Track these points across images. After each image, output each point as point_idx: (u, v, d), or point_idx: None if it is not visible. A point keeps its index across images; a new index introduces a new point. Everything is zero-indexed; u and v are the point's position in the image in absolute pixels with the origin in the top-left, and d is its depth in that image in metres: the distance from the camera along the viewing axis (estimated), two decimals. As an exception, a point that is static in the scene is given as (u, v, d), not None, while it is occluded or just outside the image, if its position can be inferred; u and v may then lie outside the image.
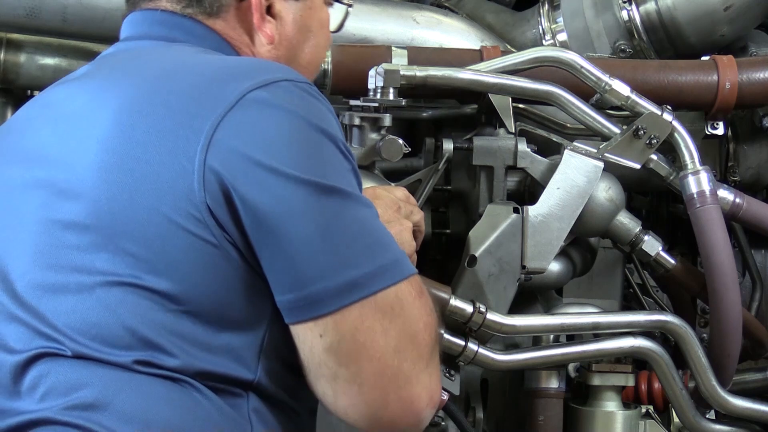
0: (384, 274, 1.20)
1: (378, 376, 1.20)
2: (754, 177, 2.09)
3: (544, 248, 1.73)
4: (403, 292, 1.22)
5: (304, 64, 1.47)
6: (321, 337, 1.19)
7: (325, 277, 1.18)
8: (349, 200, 1.21)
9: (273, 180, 1.17)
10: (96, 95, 1.28)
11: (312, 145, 1.21)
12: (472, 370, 1.87)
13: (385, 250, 1.22)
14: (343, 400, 1.22)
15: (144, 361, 1.18)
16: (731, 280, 1.75)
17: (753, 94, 1.89)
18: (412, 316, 1.23)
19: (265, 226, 1.17)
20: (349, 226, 1.20)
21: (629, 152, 1.77)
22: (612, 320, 1.78)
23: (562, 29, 2.09)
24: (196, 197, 1.17)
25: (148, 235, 1.18)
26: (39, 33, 1.95)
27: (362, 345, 1.19)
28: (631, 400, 1.89)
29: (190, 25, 1.38)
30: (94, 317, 1.18)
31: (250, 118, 1.20)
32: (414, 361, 1.22)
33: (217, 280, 1.19)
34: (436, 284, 1.64)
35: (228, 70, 1.26)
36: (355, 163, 1.27)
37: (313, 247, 1.18)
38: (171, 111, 1.21)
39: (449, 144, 1.80)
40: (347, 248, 1.19)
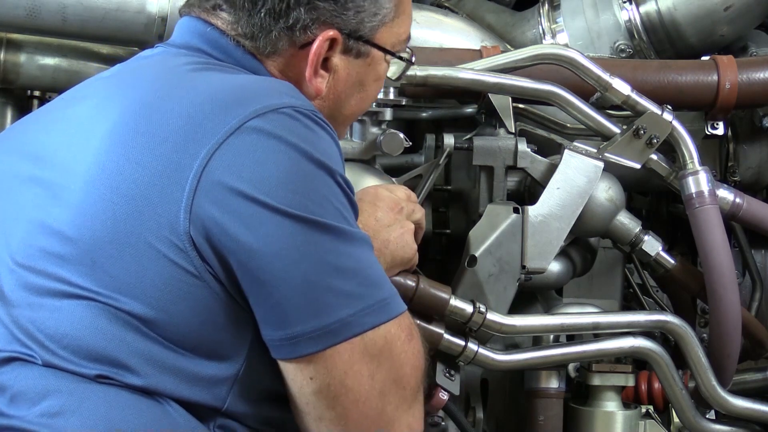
0: (373, 314, 1.20)
1: (362, 418, 1.22)
2: (754, 177, 2.09)
3: (544, 248, 1.73)
4: (392, 333, 1.22)
5: (347, 114, 1.45)
6: (311, 379, 1.20)
7: (316, 316, 1.17)
8: (341, 237, 1.20)
9: (263, 216, 1.16)
10: (102, 102, 1.28)
11: (308, 181, 1.19)
12: (472, 370, 1.87)
13: (377, 288, 1.22)
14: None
15: (107, 377, 1.17)
16: (730, 280, 1.75)
17: (753, 94, 1.89)
18: (399, 360, 1.23)
19: (253, 264, 1.16)
20: (340, 265, 1.19)
21: (629, 152, 1.77)
22: (612, 320, 1.78)
23: (562, 29, 2.09)
24: (180, 227, 1.16)
25: (126, 257, 1.17)
26: (39, 33, 1.95)
27: (350, 389, 1.20)
28: (631, 400, 1.89)
29: (232, 50, 1.34)
30: (67, 328, 1.18)
31: (246, 149, 1.17)
32: (398, 404, 1.24)
33: (194, 309, 1.18)
34: (436, 284, 1.64)
35: (232, 93, 1.23)
36: (353, 194, 1.26)
37: (302, 286, 1.17)
38: (169, 133, 1.19)
39: (450, 139, 1.79)
40: (338, 287, 1.18)
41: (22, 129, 1.37)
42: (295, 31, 1.33)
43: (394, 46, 1.43)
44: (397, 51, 1.44)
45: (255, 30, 1.33)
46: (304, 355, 1.19)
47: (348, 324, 1.18)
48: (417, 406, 1.28)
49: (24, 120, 1.41)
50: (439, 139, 1.86)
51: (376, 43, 1.39)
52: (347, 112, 1.44)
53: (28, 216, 1.23)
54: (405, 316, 1.25)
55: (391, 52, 1.43)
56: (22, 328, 1.20)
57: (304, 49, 1.34)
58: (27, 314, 1.20)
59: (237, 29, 1.34)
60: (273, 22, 1.32)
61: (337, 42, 1.35)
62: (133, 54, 2.02)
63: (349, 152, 1.74)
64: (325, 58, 1.36)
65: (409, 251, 1.48)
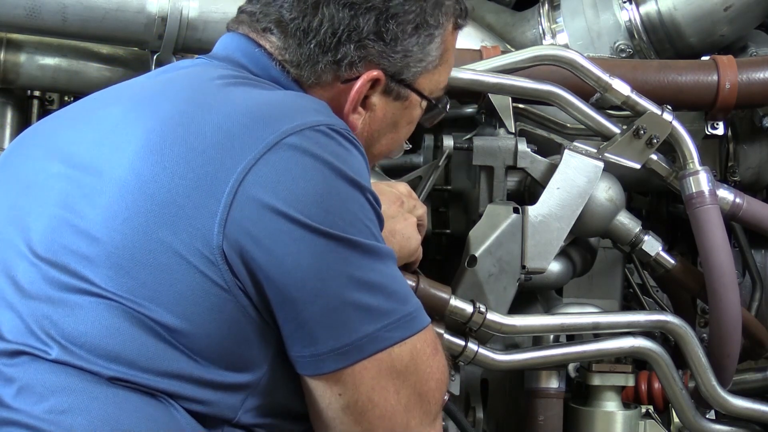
0: (399, 328, 1.22)
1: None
2: (754, 177, 2.09)
3: (544, 248, 1.73)
4: (417, 349, 1.24)
5: (376, 153, 1.46)
6: (340, 396, 1.21)
7: (342, 333, 1.19)
8: (369, 254, 1.21)
9: (296, 232, 1.17)
10: (137, 107, 1.27)
11: (341, 200, 1.20)
12: (472, 370, 1.87)
13: (402, 302, 1.23)
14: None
15: (121, 378, 1.17)
16: (730, 280, 1.75)
17: (753, 94, 1.89)
18: (425, 375, 1.25)
19: (283, 281, 1.17)
20: (368, 279, 1.20)
21: (629, 152, 1.77)
22: (612, 320, 1.78)
23: (562, 29, 2.09)
24: (213, 240, 1.16)
25: (154, 265, 1.17)
26: (39, 33, 1.95)
27: (376, 404, 1.22)
28: (631, 400, 1.89)
29: (279, 76, 1.34)
30: (86, 326, 1.18)
31: (282, 165, 1.18)
32: (421, 417, 1.26)
33: (220, 322, 1.18)
34: (436, 284, 1.64)
35: (269, 109, 1.23)
36: (380, 208, 1.27)
37: (330, 304, 1.18)
38: (206, 145, 1.19)
39: (449, 140, 1.80)
40: (365, 303, 1.19)
41: (50, 127, 1.37)
42: (341, 66, 1.34)
43: (431, 93, 1.45)
44: (434, 98, 1.46)
45: (302, 59, 1.34)
46: (332, 371, 1.20)
47: (374, 339, 1.20)
48: (439, 420, 1.30)
49: (51, 118, 1.40)
50: (438, 139, 1.87)
51: (417, 88, 1.41)
52: (377, 152, 1.45)
53: (52, 211, 1.23)
54: (429, 330, 1.27)
55: (430, 99, 1.45)
56: (38, 322, 1.19)
57: (347, 84, 1.36)
58: (45, 309, 1.20)
59: (284, 55, 1.35)
60: (321, 54, 1.34)
61: (380, 82, 1.37)
62: (133, 54, 2.03)
63: None
64: (365, 96, 1.37)
65: (414, 243, 1.49)
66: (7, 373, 1.19)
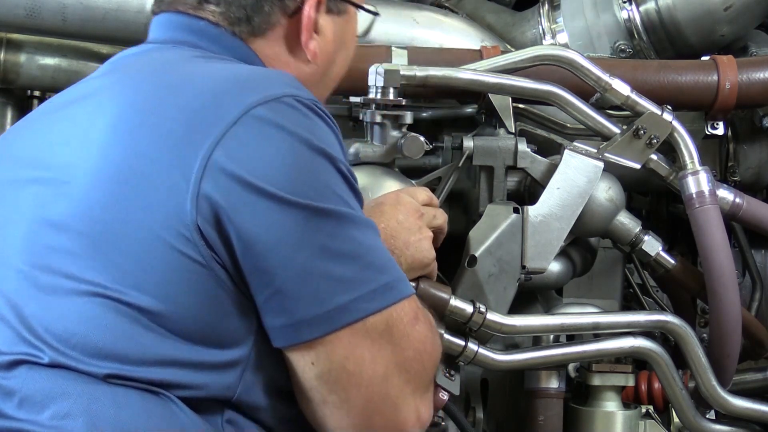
0: (374, 299, 1.21)
1: (365, 402, 1.22)
2: (754, 177, 2.09)
3: (544, 248, 1.73)
4: (394, 318, 1.23)
5: (334, 77, 1.47)
6: (313, 365, 1.21)
7: (316, 302, 1.18)
8: (344, 222, 1.21)
9: (267, 204, 1.17)
10: (100, 99, 1.28)
11: (310, 168, 1.20)
12: (472, 370, 1.87)
13: (379, 272, 1.22)
14: (330, 423, 1.24)
15: (117, 375, 1.17)
16: (730, 280, 1.75)
17: (753, 94, 1.89)
18: (402, 344, 1.24)
19: (255, 252, 1.17)
20: (342, 249, 1.20)
21: (629, 152, 1.77)
22: (612, 320, 1.78)
23: (562, 29, 2.09)
24: (187, 217, 1.16)
25: (136, 250, 1.17)
26: (39, 33, 1.95)
27: (351, 373, 1.21)
28: (631, 400, 1.89)
29: (218, 35, 1.35)
30: (75, 326, 1.18)
31: (249, 138, 1.18)
32: (402, 387, 1.24)
33: (202, 299, 1.18)
34: (436, 284, 1.64)
35: (234, 82, 1.24)
36: (356, 180, 1.27)
37: (303, 272, 1.18)
38: (172, 123, 1.20)
39: (469, 141, 1.79)
40: (338, 273, 1.19)
41: (14, 135, 1.37)
42: (284, 0, 1.37)
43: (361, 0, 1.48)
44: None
45: (248, 11, 1.35)
46: (304, 342, 1.19)
47: (348, 310, 1.19)
48: (425, 391, 1.28)
49: (15, 127, 1.41)
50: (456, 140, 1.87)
51: None
52: (334, 74, 1.47)
53: (29, 216, 1.23)
54: (410, 300, 1.25)
55: (363, 6, 1.48)
56: (29, 328, 1.19)
57: (294, 17, 1.38)
58: (35, 313, 1.19)
59: (229, 17, 1.35)
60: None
61: (322, 2, 1.39)
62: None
63: (369, 155, 1.74)
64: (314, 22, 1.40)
65: (428, 257, 1.49)
66: (7, 386, 1.19)
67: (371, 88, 1.75)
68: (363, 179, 1.71)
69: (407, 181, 1.75)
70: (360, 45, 1.92)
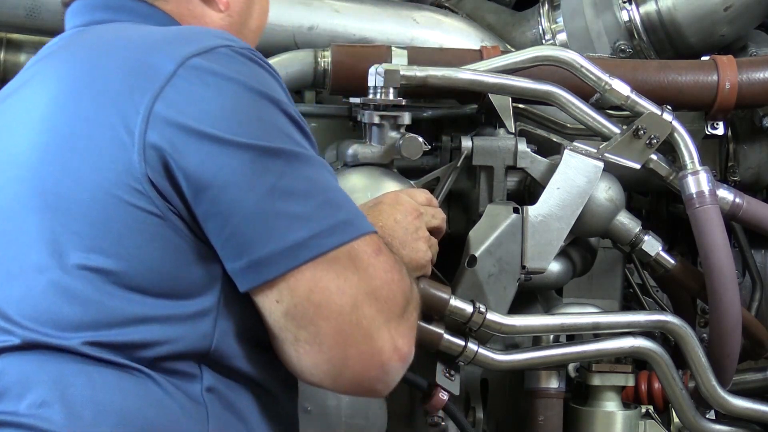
0: (334, 234, 1.20)
1: (337, 334, 1.20)
2: (754, 177, 2.09)
3: (544, 248, 1.73)
4: (357, 250, 1.22)
5: (254, 29, 1.48)
6: (278, 302, 1.20)
7: (272, 240, 1.18)
8: (295, 160, 1.21)
9: (212, 148, 1.17)
10: (38, 80, 1.29)
11: (252, 110, 1.20)
12: (472, 370, 1.87)
13: (336, 209, 1.21)
14: (306, 361, 1.22)
15: (93, 342, 1.18)
16: (730, 280, 1.75)
17: (753, 94, 1.89)
18: (368, 273, 1.22)
19: (206, 196, 1.17)
20: (295, 187, 1.19)
21: (629, 152, 1.77)
22: (612, 320, 1.78)
23: (562, 29, 2.09)
24: (137, 170, 1.17)
25: (92, 213, 1.18)
26: (39, 33, 1.95)
27: (318, 305, 1.20)
28: (631, 400, 1.89)
29: (133, 5, 1.37)
30: (45, 303, 1.19)
31: (188, 87, 1.19)
32: (372, 316, 1.22)
33: (163, 251, 1.19)
34: (436, 284, 1.64)
35: (166, 39, 1.25)
36: (305, 125, 1.26)
37: (257, 212, 1.17)
38: (110, 85, 1.21)
39: (468, 141, 1.79)
40: (291, 210, 1.18)
41: None
42: None
43: None
44: None
45: None
46: (267, 281, 1.19)
47: (306, 246, 1.18)
48: (400, 321, 1.26)
49: None
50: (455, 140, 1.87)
51: None
52: (253, 26, 1.48)
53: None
54: (372, 236, 1.24)
55: None
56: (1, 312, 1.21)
57: None
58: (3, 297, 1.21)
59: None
60: None
61: None
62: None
63: (368, 156, 1.75)
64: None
65: (424, 258, 1.49)
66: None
67: (371, 88, 1.75)
68: (362, 180, 1.71)
69: (406, 181, 1.75)
70: (360, 45, 1.94)
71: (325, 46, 1.93)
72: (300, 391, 1.40)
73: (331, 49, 1.90)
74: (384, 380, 1.25)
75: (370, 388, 1.25)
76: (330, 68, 1.89)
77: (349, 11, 2.00)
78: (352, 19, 1.99)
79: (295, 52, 1.93)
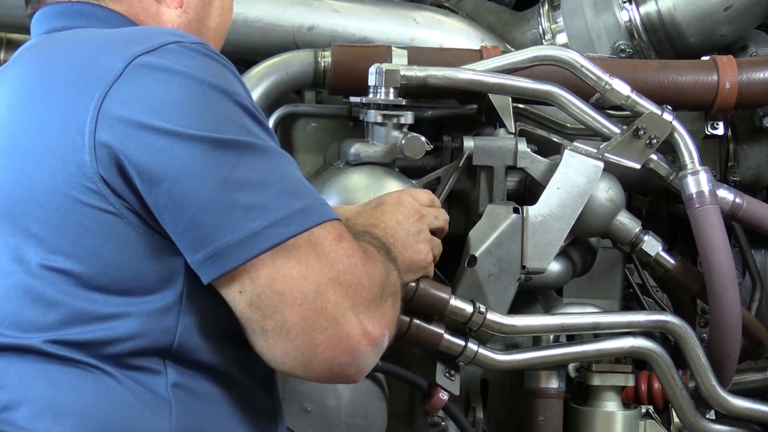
0: (292, 222, 1.19)
1: (302, 320, 1.19)
2: (754, 177, 2.09)
3: (544, 248, 1.73)
4: (317, 237, 1.21)
5: (214, 28, 1.48)
6: (241, 293, 1.19)
7: (228, 231, 1.17)
8: (250, 151, 1.20)
9: (163, 142, 1.17)
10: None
11: (203, 102, 1.20)
12: (472, 370, 1.87)
13: (294, 197, 1.20)
14: (275, 350, 1.21)
15: (55, 340, 1.18)
16: (730, 280, 1.75)
17: (753, 94, 1.89)
18: (330, 259, 1.21)
19: (161, 190, 1.17)
20: (250, 178, 1.18)
21: (629, 152, 1.77)
22: (612, 320, 1.78)
23: (562, 29, 2.09)
24: (89, 169, 1.18)
25: (49, 214, 1.19)
26: (39, 33, 1.95)
27: (281, 293, 1.19)
28: (631, 400, 1.89)
29: (90, 10, 1.37)
30: (9, 305, 1.20)
31: (138, 83, 1.19)
32: (337, 301, 1.21)
33: (121, 248, 1.19)
34: (436, 284, 1.64)
35: (117, 40, 1.25)
36: (262, 116, 1.25)
37: (211, 203, 1.17)
38: (61, 87, 1.22)
39: (469, 141, 1.79)
40: (249, 200, 1.18)
41: None
42: None
43: None
44: None
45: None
46: (227, 272, 1.18)
47: (263, 236, 1.17)
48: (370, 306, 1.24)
49: None
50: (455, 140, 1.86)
51: None
52: (213, 25, 1.48)
53: None
54: (334, 223, 1.23)
55: None
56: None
57: None
58: None
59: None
60: None
61: None
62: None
63: (370, 156, 1.75)
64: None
65: (425, 260, 1.49)
66: None
67: (371, 88, 1.75)
68: (363, 179, 1.72)
69: (408, 181, 1.75)
70: (360, 45, 1.94)
71: (325, 46, 1.93)
72: (300, 391, 1.40)
73: (331, 49, 1.90)
74: (355, 364, 1.23)
75: (341, 374, 1.24)
76: (330, 68, 1.89)
77: (349, 11, 2.00)
78: (352, 19, 1.99)
79: (295, 52, 1.93)
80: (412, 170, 1.82)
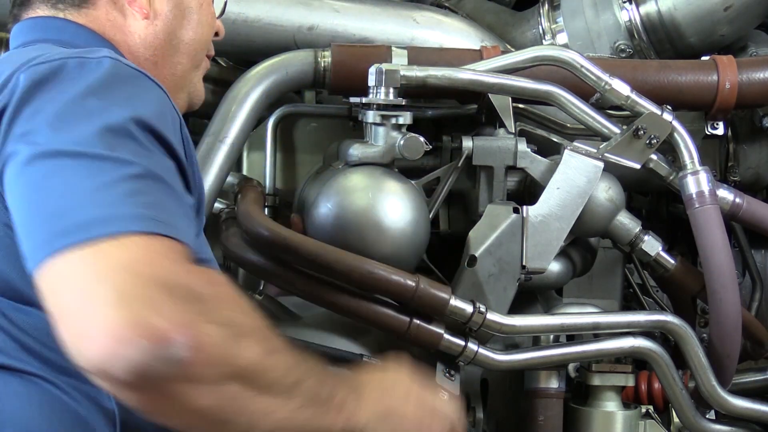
0: (57, 240, 1.05)
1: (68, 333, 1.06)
2: (754, 177, 2.09)
3: (544, 248, 1.73)
4: (101, 249, 1.04)
5: (187, 41, 1.49)
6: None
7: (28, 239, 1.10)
8: (66, 159, 1.10)
9: (16, 149, 1.13)
10: None
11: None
12: (472, 370, 1.87)
13: (77, 211, 1.06)
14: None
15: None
16: (730, 280, 1.75)
17: (753, 94, 1.89)
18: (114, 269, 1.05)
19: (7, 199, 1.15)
20: (51, 190, 1.09)
21: (629, 152, 1.77)
22: (612, 320, 1.78)
23: (562, 29, 2.09)
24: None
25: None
26: (39, 33, 1.95)
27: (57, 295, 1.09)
28: (631, 400, 1.89)
29: (59, 24, 1.39)
30: None
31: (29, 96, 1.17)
32: (103, 303, 1.02)
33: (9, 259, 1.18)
34: (436, 284, 1.64)
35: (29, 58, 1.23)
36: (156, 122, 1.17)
37: (22, 213, 1.11)
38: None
39: (468, 141, 1.79)
40: (33, 214, 1.09)
41: None
42: None
43: None
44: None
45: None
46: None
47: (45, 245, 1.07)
48: (120, 299, 1.00)
49: None
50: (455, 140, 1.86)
51: None
52: (187, 38, 1.49)
53: None
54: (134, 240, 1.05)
55: None
56: None
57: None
58: None
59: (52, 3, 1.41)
60: None
61: None
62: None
63: (369, 156, 1.75)
64: None
65: None
66: None
67: (371, 88, 1.75)
68: (362, 180, 1.71)
69: (407, 181, 1.75)
70: (360, 45, 1.94)
71: (325, 46, 1.92)
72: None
73: (331, 49, 1.90)
74: (119, 356, 1.02)
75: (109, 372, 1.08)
76: (330, 68, 1.89)
77: (349, 11, 2.00)
78: (352, 19, 1.99)
79: (295, 52, 1.93)
80: (411, 170, 1.81)
